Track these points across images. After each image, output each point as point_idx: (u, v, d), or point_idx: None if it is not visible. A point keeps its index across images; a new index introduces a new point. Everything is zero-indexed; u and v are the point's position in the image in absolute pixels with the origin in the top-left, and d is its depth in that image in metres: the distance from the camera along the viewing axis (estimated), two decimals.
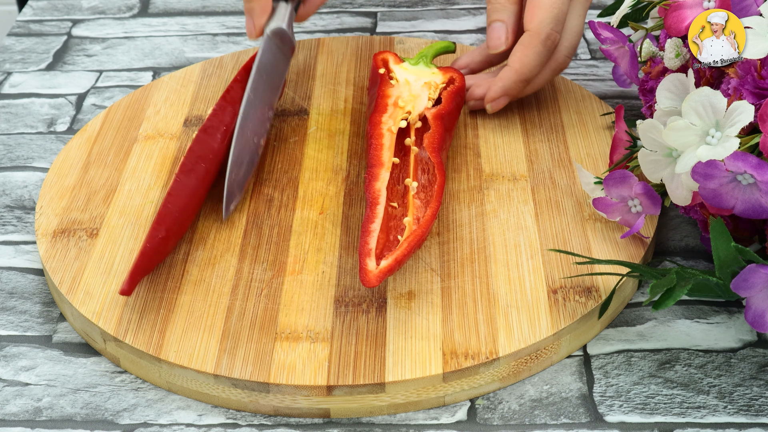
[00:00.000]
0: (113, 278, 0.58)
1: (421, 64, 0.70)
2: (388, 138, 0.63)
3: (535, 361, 0.54)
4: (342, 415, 0.52)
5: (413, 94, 0.67)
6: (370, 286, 0.53)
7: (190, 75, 0.76)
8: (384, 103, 0.66)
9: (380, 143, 0.62)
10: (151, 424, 0.52)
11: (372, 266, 0.54)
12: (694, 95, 0.51)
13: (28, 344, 0.57)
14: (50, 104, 0.77)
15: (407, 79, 0.68)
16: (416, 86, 0.67)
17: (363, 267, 0.54)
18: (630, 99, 0.75)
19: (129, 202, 0.63)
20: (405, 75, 0.68)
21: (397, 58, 0.70)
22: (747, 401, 0.52)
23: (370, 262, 0.55)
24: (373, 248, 0.55)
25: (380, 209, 0.58)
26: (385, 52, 0.70)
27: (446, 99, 0.66)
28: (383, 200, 0.59)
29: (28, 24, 0.88)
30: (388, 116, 0.65)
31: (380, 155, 0.62)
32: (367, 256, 0.55)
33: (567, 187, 0.63)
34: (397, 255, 0.55)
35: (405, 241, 0.56)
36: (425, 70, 0.69)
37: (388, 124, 0.64)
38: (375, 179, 0.60)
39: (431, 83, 0.68)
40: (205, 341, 0.54)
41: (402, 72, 0.69)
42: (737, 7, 0.56)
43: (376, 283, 0.53)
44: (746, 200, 0.50)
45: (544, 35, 0.66)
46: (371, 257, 0.55)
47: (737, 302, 0.58)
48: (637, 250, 0.58)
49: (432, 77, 0.68)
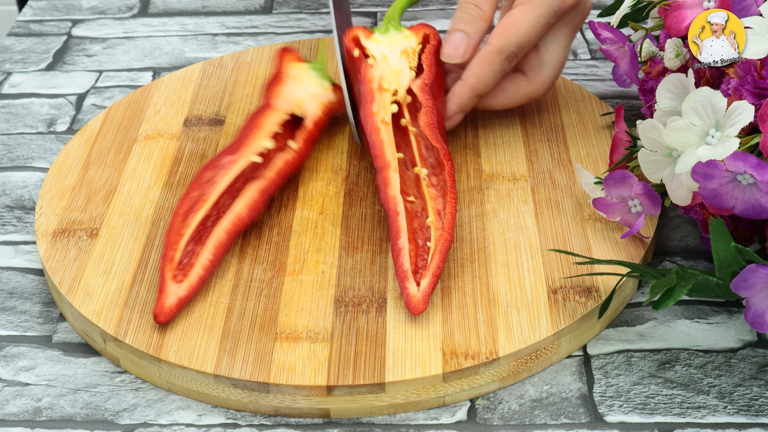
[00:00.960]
0: (113, 278, 0.58)
1: (392, 29, 0.67)
2: (386, 132, 0.62)
3: (535, 361, 0.54)
4: (342, 415, 0.52)
5: (394, 69, 0.64)
6: (418, 312, 0.54)
7: (190, 75, 0.76)
8: (369, 90, 0.64)
9: (379, 140, 0.61)
10: (151, 424, 0.52)
11: (414, 290, 0.54)
12: (694, 95, 0.51)
13: (28, 344, 0.57)
14: (50, 104, 0.77)
15: (383, 53, 0.65)
16: (394, 58, 0.65)
17: (406, 293, 0.54)
18: (630, 99, 0.75)
19: (129, 202, 0.63)
20: (380, 49, 0.66)
21: (367, 32, 0.66)
22: (747, 401, 0.52)
23: (412, 286, 0.54)
24: (409, 269, 0.55)
25: (402, 220, 0.57)
26: (354, 28, 0.66)
27: (427, 64, 0.64)
28: (402, 208, 0.58)
29: (28, 24, 0.88)
30: (377, 105, 0.63)
31: (384, 155, 0.61)
32: (405, 279, 0.55)
33: (567, 187, 0.63)
34: (433, 270, 0.55)
35: (436, 251, 0.56)
36: (397, 35, 0.66)
37: (380, 115, 0.62)
38: (387, 185, 0.59)
39: (407, 50, 0.65)
40: (205, 341, 0.54)
41: (376, 46, 0.66)
42: (737, 7, 0.56)
43: (423, 307, 0.54)
44: (746, 200, 0.50)
45: (506, 55, 0.63)
46: (410, 280, 0.55)
47: (737, 302, 0.58)
48: (637, 250, 0.58)
49: (406, 42, 0.65)
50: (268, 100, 0.65)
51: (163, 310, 0.54)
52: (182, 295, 0.55)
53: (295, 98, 0.65)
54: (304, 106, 0.65)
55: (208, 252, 0.57)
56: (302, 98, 0.66)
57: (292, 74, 0.67)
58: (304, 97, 0.66)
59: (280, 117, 0.64)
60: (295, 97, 0.66)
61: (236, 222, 0.58)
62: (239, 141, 0.62)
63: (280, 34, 0.85)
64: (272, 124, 0.63)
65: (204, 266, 0.56)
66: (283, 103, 0.65)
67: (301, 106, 0.65)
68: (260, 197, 0.60)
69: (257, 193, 0.60)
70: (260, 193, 0.60)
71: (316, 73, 0.68)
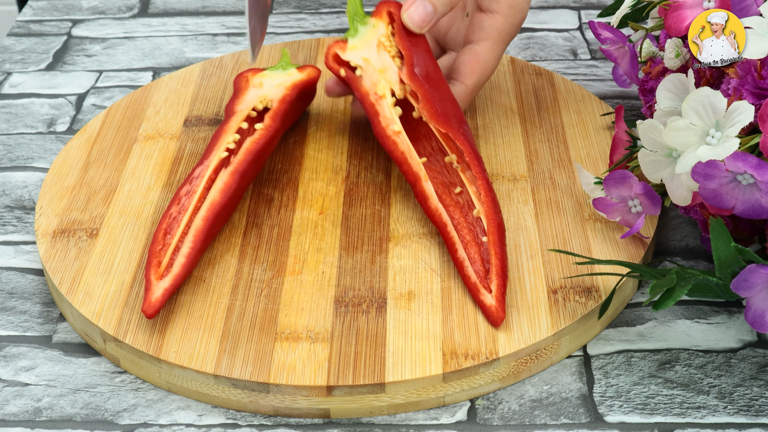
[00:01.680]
0: (113, 278, 0.58)
1: (359, 27, 0.64)
2: (402, 143, 0.60)
3: (535, 362, 0.54)
4: (342, 415, 0.52)
5: (379, 69, 0.62)
6: (501, 322, 0.53)
7: (190, 75, 0.76)
8: (369, 105, 0.62)
9: (399, 153, 0.60)
10: (151, 424, 0.52)
11: (490, 301, 0.54)
12: (694, 95, 0.51)
13: (28, 344, 0.57)
14: (50, 104, 0.77)
15: (363, 57, 0.63)
16: (374, 57, 0.62)
17: (483, 306, 0.54)
18: (630, 99, 0.75)
19: (129, 203, 0.63)
20: (359, 54, 0.63)
21: (341, 43, 0.64)
22: (747, 401, 0.52)
23: (486, 297, 0.54)
24: (477, 281, 0.55)
25: (452, 230, 0.57)
26: (329, 47, 0.64)
27: (403, 47, 0.62)
28: (448, 218, 0.58)
29: (28, 24, 0.88)
30: (383, 117, 0.61)
31: (411, 168, 0.60)
32: (477, 292, 0.55)
33: (567, 187, 0.63)
34: (497, 270, 0.55)
35: (492, 246, 0.55)
36: (366, 29, 0.63)
37: (390, 127, 0.61)
38: (426, 198, 0.59)
39: (381, 41, 0.63)
40: (205, 341, 0.54)
41: (355, 53, 0.63)
42: (737, 7, 0.56)
43: (503, 314, 0.54)
44: (746, 200, 0.50)
45: (477, 92, 0.66)
46: (483, 292, 0.55)
47: (737, 302, 0.58)
48: (637, 250, 0.58)
49: (376, 32, 0.62)
50: (230, 111, 0.65)
51: (150, 303, 0.54)
52: (167, 285, 0.55)
53: (258, 97, 0.65)
54: (267, 97, 0.65)
55: (188, 241, 0.57)
56: (265, 93, 0.65)
57: (251, 84, 0.66)
58: (267, 91, 0.65)
59: (244, 115, 0.64)
60: (258, 96, 0.65)
61: (211, 207, 0.58)
62: (208, 151, 0.62)
63: (280, 34, 0.85)
64: (236, 125, 0.63)
65: (186, 254, 0.56)
66: (246, 106, 0.65)
67: (264, 99, 0.65)
68: (231, 179, 0.60)
69: (228, 176, 0.60)
70: (231, 175, 0.60)
71: (279, 69, 0.67)
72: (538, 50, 0.82)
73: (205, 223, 0.58)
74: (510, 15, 0.64)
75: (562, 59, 0.80)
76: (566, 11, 0.87)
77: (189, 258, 0.56)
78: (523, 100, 0.72)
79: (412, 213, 0.62)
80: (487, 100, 0.72)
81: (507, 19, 0.64)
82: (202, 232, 0.57)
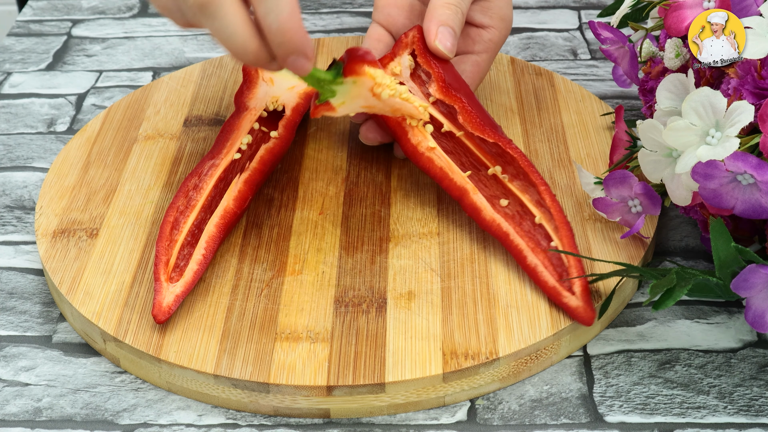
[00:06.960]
0: (113, 278, 0.58)
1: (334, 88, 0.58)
2: (440, 157, 0.59)
3: (535, 362, 0.54)
4: (342, 415, 0.52)
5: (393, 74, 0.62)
6: (593, 320, 0.53)
7: (190, 75, 0.76)
8: (395, 123, 0.61)
9: (438, 169, 0.59)
10: (151, 424, 0.52)
11: (576, 302, 0.54)
12: (694, 95, 0.51)
13: (28, 344, 0.57)
14: (50, 104, 0.77)
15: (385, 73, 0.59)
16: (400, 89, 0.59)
17: (568, 309, 0.54)
18: (630, 99, 0.75)
19: (129, 202, 0.63)
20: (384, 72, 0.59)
21: (325, 106, 0.58)
22: (747, 401, 0.52)
23: (570, 299, 0.54)
24: (556, 284, 0.55)
25: (516, 238, 0.57)
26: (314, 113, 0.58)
27: (430, 65, 0.61)
28: (508, 227, 0.57)
29: (28, 24, 0.88)
30: (411, 135, 0.60)
31: (454, 183, 0.59)
32: (559, 296, 0.54)
33: (567, 187, 0.63)
34: (576, 269, 0.55)
35: (566, 249, 0.55)
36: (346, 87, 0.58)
37: (422, 144, 0.60)
38: (479, 210, 0.58)
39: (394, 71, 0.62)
40: (205, 341, 0.54)
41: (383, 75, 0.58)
42: (737, 7, 0.56)
43: (593, 312, 0.53)
44: (746, 200, 0.50)
45: None
46: (565, 295, 0.54)
47: (737, 302, 0.58)
48: (637, 251, 0.58)
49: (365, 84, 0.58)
50: (241, 104, 0.65)
51: (161, 309, 0.54)
52: (179, 292, 0.55)
53: (270, 96, 0.65)
54: (280, 100, 0.65)
55: (200, 248, 0.57)
56: (277, 94, 0.65)
57: (261, 77, 0.66)
58: (279, 92, 0.66)
59: (256, 115, 0.64)
60: (270, 95, 0.65)
61: (225, 215, 0.59)
62: (218, 146, 0.62)
63: None
64: (248, 123, 0.63)
65: (198, 261, 0.56)
66: (258, 104, 0.65)
67: (276, 101, 0.65)
68: (246, 187, 0.60)
69: (242, 184, 0.60)
70: (245, 184, 0.60)
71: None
72: (538, 50, 0.82)
73: (218, 230, 0.58)
74: (503, 28, 0.67)
75: (562, 59, 0.80)
76: (566, 11, 0.87)
77: (201, 264, 0.56)
78: (523, 100, 0.72)
79: (412, 213, 0.62)
80: (487, 100, 0.72)
81: (500, 31, 0.67)
82: (214, 240, 0.58)
